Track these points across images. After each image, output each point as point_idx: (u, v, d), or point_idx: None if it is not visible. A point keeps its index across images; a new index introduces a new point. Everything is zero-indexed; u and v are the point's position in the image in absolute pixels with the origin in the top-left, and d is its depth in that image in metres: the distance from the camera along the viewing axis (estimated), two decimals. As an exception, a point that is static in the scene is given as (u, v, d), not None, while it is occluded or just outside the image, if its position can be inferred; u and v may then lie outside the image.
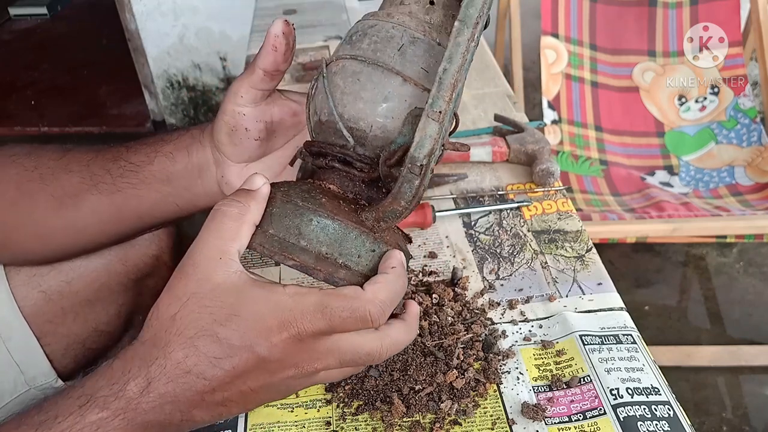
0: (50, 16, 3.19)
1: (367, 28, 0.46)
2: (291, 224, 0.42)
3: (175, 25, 2.04)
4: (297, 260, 0.42)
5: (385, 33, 0.45)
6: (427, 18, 0.46)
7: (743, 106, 1.43)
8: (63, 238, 0.60)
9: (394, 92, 0.44)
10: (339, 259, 0.42)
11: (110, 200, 0.58)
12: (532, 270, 0.65)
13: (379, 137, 0.44)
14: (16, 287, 0.65)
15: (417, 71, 0.44)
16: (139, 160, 0.58)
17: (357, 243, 0.43)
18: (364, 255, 0.43)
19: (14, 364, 0.65)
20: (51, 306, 0.66)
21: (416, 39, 0.44)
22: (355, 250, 0.43)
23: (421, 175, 0.42)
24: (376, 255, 0.43)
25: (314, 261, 0.42)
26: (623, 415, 0.49)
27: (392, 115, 0.44)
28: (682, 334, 1.44)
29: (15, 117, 2.43)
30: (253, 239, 0.43)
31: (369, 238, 0.43)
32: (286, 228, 0.42)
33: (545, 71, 1.45)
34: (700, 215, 1.20)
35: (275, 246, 0.42)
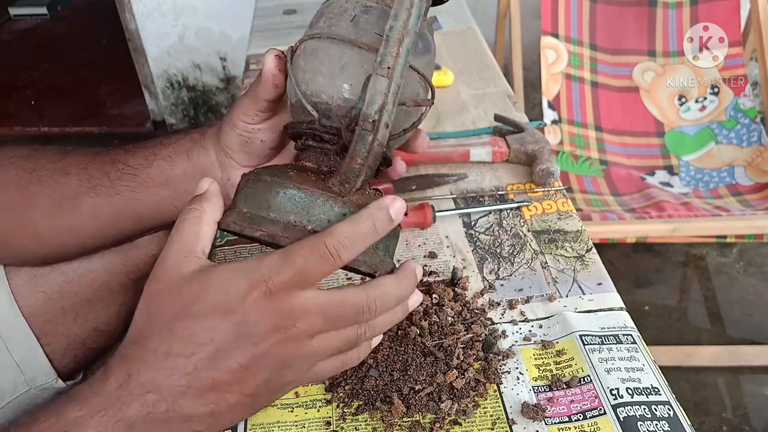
0: (50, 16, 3.19)
1: (324, 8, 0.49)
2: (260, 199, 0.44)
3: (175, 25, 2.04)
4: (265, 231, 0.42)
5: (339, 8, 0.47)
6: None
7: (743, 106, 1.43)
8: (62, 240, 0.61)
9: (350, 61, 0.45)
10: (308, 226, 0.43)
11: (108, 203, 0.58)
12: (532, 270, 0.65)
13: (342, 107, 0.46)
14: (17, 287, 0.65)
15: (371, 38, 0.45)
16: (137, 163, 0.58)
17: (325, 208, 0.43)
18: (334, 219, 0.43)
19: (14, 364, 0.65)
20: (51, 306, 0.67)
21: (368, 8, 0.46)
22: (324, 215, 0.43)
23: (373, 130, 0.43)
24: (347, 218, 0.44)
25: (282, 230, 0.42)
26: (623, 415, 0.49)
27: (351, 83, 0.45)
28: (682, 334, 1.44)
29: (15, 117, 2.43)
30: (224, 218, 0.44)
31: (337, 203, 0.43)
32: (255, 203, 0.44)
33: (545, 71, 1.45)
34: (700, 215, 1.20)
35: (245, 221, 0.43)
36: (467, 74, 1.02)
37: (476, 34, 1.16)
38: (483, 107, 0.93)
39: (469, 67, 1.04)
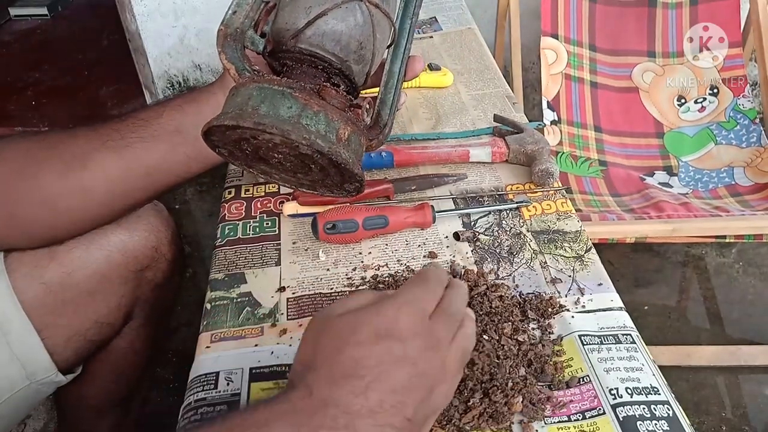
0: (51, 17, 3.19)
1: None
2: (254, 100, 0.47)
3: (176, 26, 2.04)
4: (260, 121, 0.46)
5: None
6: None
7: (743, 107, 1.43)
8: (70, 202, 0.61)
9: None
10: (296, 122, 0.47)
11: (118, 155, 0.59)
12: (532, 270, 0.65)
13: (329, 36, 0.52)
14: (17, 280, 0.65)
15: None
16: (147, 116, 0.60)
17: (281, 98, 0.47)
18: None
19: (15, 359, 0.65)
20: (52, 298, 0.67)
21: None
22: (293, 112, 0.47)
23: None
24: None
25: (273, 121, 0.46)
26: (623, 415, 0.49)
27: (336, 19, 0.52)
28: (681, 334, 1.44)
29: (15, 117, 2.43)
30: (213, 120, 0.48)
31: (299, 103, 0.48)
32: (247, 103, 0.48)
33: (545, 72, 1.45)
34: (699, 215, 1.20)
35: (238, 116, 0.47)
36: (467, 75, 1.03)
37: (476, 34, 1.16)
38: (482, 108, 0.94)
39: (468, 68, 1.05)
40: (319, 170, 0.52)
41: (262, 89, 0.47)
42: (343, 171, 0.50)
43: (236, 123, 0.46)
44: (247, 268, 0.67)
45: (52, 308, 0.67)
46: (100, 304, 0.71)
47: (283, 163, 0.52)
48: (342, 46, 0.52)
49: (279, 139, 0.47)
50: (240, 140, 0.50)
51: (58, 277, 0.67)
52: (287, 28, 0.52)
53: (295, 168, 0.53)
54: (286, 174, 0.56)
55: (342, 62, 0.52)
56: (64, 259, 0.67)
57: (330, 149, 0.47)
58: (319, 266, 0.67)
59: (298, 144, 0.47)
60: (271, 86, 0.47)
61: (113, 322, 0.74)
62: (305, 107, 0.47)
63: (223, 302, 0.63)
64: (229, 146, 0.52)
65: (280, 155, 0.51)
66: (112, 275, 0.71)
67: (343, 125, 0.48)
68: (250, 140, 0.49)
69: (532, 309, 0.59)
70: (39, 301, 0.66)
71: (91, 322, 0.71)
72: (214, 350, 0.58)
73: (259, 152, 0.51)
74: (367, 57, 0.54)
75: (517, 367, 0.52)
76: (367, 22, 0.53)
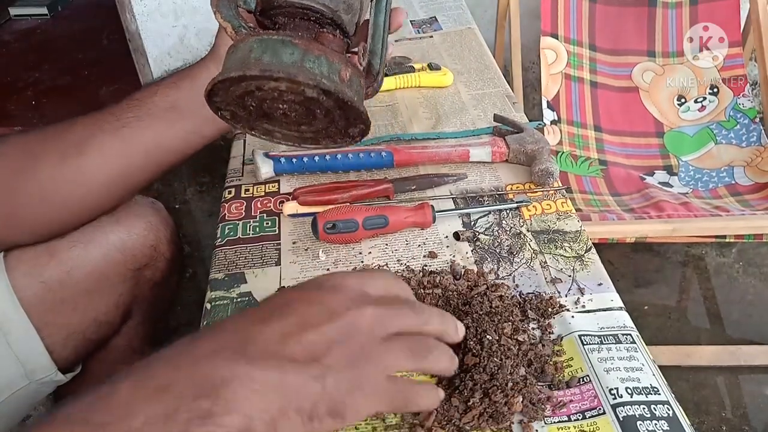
0: (51, 17, 3.19)
1: None
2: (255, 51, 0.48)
3: (176, 26, 2.04)
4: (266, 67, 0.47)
5: None
6: None
7: (743, 107, 1.43)
8: (69, 190, 0.61)
9: None
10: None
11: (115, 137, 0.60)
12: (532, 270, 0.65)
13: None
14: (16, 279, 0.65)
15: None
16: (141, 96, 0.61)
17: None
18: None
19: (14, 358, 0.65)
20: (51, 296, 0.67)
21: None
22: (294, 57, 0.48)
23: None
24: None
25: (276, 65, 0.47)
26: (623, 415, 0.49)
27: None
28: (681, 334, 1.44)
29: (15, 117, 2.43)
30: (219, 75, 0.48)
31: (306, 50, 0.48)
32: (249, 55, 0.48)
33: (545, 71, 1.45)
34: (699, 215, 1.20)
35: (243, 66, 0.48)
36: (467, 74, 1.03)
37: (476, 34, 1.16)
38: (482, 107, 0.94)
39: (468, 68, 1.04)
40: (323, 116, 0.53)
41: (262, 41, 0.48)
42: (348, 111, 0.51)
43: (242, 73, 0.47)
44: (247, 268, 0.67)
45: (51, 307, 0.67)
46: (99, 302, 0.71)
47: (288, 115, 0.53)
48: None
49: (285, 85, 0.48)
50: (244, 95, 0.51)
51: (57, 276, 0.67)
52: None
53: (299, 119, 0.54)
54: (289, 129, 0.57)
55: (333, 12, 0.53)
56: (63, 257, 0.67)
57: (336, 88, 0.48)
58: (319, 266, 0.67)
59: (304, 87, 0.48)
60: (270, 37, 0.49)
61: (112, 321, 0.74)
62: (306, 52, 0.48)
63: (223, 302, 0.63)
64: (233, 106, 0.53)
65: (285, 105, 0.51)
66: (111, 274, 0.71)
67: (344, 67, 0.50)
68: (255, 93, 0.50)
69: (533, 309, 0.59)
70: (38, 299, 0.66)
71: (90, 321, 0.71)
72: (214, 350, 0.57)
73: (263, 106, 0.52)
74: (356, 6, 0.56)
75: (517, 367, 0.52)
76: None
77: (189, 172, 1.96)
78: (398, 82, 0.98)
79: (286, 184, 0.79)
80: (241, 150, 0.88)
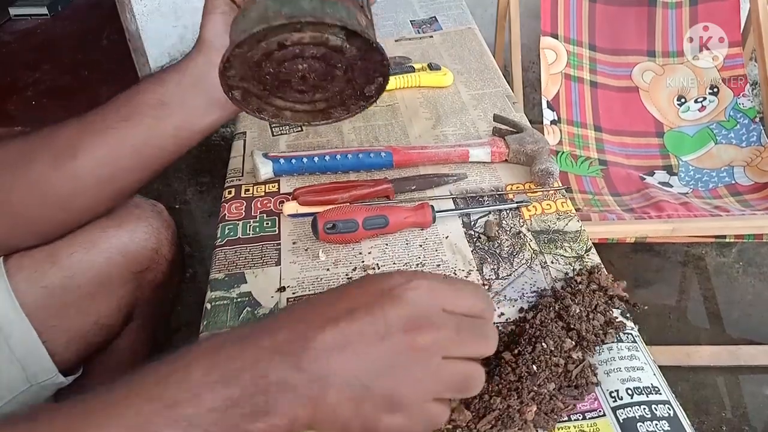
0: (51, 17, 3.19)
1: None
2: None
3: (176, 26, 2.04)
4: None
5: None
6: None
7: (743, 107, 1.43)
8: (63, 192, 0.61)
9: None
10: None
11: (103, 138, 0.59)
12: (532, 270, 0.65)
13: None
14: (17, 284, 0.65)
15: None
16: (127, 95, 0.61)
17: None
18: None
19: (16, 361, 0.65)
20: (53, 301, 0.67)
21: None
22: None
23: None
24: None
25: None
26: (623, 417, 0.49)
27: None
28: (681, 334, 1.44)
29: (15, 117, 2.43)
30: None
31: None
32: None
33: (544, 71, 1.45)
34: (699, 215, 1.20)
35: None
36: (467, 75, 1.03)
37: (476, 34, 1.16)
38: (482, 107, 0.94)
39: (468, 68, 1.04)
40: (343, 73, 0.52)
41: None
42: (370, 56, 0.51)
43: (266, 25, 0.46)
44: (247, 268, 0.67)
45: (53, 311, 0.67)
46: (101, 306, 0.71)
47: (306, 77, 0.52)
48: None
49: (309, 35, 0.47)
50: (262, 60, 0.50)
51: (59, 281, 0.67)
52: None
53: (317, 83, 0.53)
54: (302, 102, 0.56)
55: None
56: (64, 263, 0.67)
57: (361, 29, 0.48)
58: (319, 266, 0.67)
59: (329, 33, 0.47)
60: None
61: (113, 324, 0.74)
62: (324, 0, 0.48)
63: (223, 302, 0.63)
64: (246, 80, 0.52)
65: (305, 64, 0.50)
66: (112, 277, 0.71)
67: (359, 12, 0.49)
68: (275, 54, 0.49)
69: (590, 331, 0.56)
70: (40, 304, 0.66)
71: (92, 324, 0.71)
72: (214, 350, 0.57)
73: (281, 73, 0.51)
74: None
75: (549, 381, 0.50)
76: None
77: (189, 172, 1.96)
78: (398, 82, 0.98)
79: (286, 184, 0.79)
80: (241, 150, 0.88)
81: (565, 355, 0.52)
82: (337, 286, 0.43)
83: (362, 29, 0.48)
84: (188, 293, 1.36)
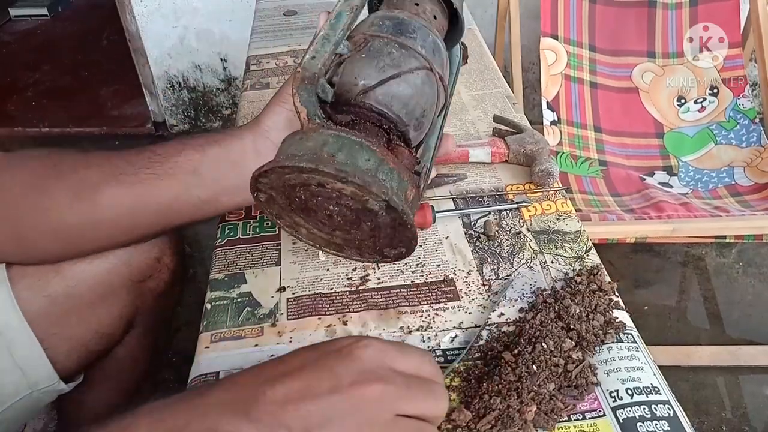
0: (51, 17, 3.19)
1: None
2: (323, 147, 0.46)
3: (176, 27, 2.04)
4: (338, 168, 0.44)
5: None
6: None
7: (743, 107, 1.43)
8: (78, 235, 0.60)
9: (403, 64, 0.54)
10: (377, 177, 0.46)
11: (129, 191, 0.57)
12: (532, 270, 0.65)
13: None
14: (20, 291, 0.65)
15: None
16: (165, 152, 0.58)
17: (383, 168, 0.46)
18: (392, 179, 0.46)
19: (17, 368, 0.65)
20: (55, 309, 0.67)
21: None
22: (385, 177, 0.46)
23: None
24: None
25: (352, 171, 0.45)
26: (623, 417, 0.49)
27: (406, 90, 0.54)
28: (681, 335, 1.44)
29: (15, 118, 2.43)
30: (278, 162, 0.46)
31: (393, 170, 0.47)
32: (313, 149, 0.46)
33: (544, 72, 1.45)
34: (699, 216, 1.21)
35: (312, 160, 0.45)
36: (467, 75, 1.03)
37: (476, 35, 1.16)
38: (483, 108, 0.94)
39: (468, 69, 1.04)
40: (369, 229, 0.51)
41: (339, 137, 0.46)
42: (401, 232, 0.49)
43: (315, 167, 0.44)
44: (247, 268, 0.67)
45: (55, 319, 0.67)
46: (102, 314, 0.71)
47: (332, 217, 0.50)
48: (408, 111, 0.52)
49: (351, 191, 0.46)
50: (297, 186, 0.48)
51: (62, 289, 0.67)
52: (356, 83, 0.52)
53: (341, 224, 0.51)
54: (320, 230, 0.54)
55: (404, 125, 0.52)
56: (67, 273, 0.67)
57: (402, 208, 0.46)
58: (319, 266, 0.67)
59: (373, 198, 0.45)
60: (348, 136, 0.46)
61: (114, 332, 0.74)
62: (382, 162, 0.46)
63: (223, 302, 0.63)
64: (277, 191, 0.50)
65: (337, 208, 0.49)
66: (114, 286, 0.71)
67: (410, 186, 0.48)
68: (312, 187, 0.47)
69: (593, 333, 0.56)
70: (42, 312, 0.66)
71: (93, 332, 0.71)
72: (214, 350, 0.58)
73: (310, 202, 0.49)
74: (426, 125, 0.54)
75: (549, 381, 0.50)
76: (434, 92, 0.54)
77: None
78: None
79: (286, 185, 0.79)
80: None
81: (564, 355, 0.52)
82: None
83: (403, 208, 0.46)
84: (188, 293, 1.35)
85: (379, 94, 0.51)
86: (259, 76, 1.06)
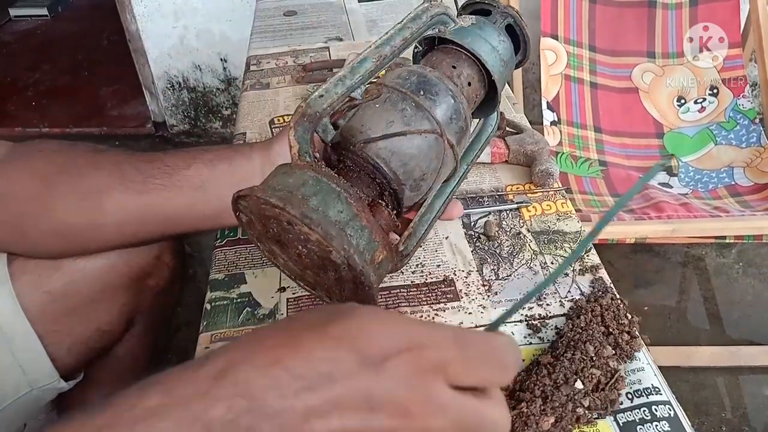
0: (51, 17, 3.19)
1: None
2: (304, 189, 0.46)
3: (176, 27, 2.04)
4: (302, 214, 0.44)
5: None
6: None
7: (742, 107, 1.43)
8: (82, 236, 0.60)
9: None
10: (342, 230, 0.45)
11: (136, 200, 0.57)
12: (532, 270, 0.65)
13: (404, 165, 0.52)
14: (21, 288, 0.65)
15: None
16: (175, 163, 0.58)
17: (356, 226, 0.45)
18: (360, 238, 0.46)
19: (17, 366, 0.65)
20: (55, 306, 0.67)
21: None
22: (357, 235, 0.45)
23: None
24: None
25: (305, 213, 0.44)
26: (623, 421, 0.49)
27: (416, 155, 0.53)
28: (681, 335, 1.44)
29: (15, 118, 2.43)
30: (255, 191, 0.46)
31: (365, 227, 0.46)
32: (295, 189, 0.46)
33: (544, 72, 1.45)
34: (699, 216, 1.21)
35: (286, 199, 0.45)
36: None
37: (476, 35, 1.16)
38: (483, 108, 0.94)
39: (468, 69, 1.04)
40: (334, 278, 0.50)
41: (320, 181, 0.45)
42: (360, 291, 0.48)
43: (282, 205, 0.44)
44: (247, 268, 0.67)
45: (55, 316, 0.67)
46: (102, 312, 0.72)
47: (300, 255, 0.49)
48: (406, 170, 0.51)
49: (316, 238, 0.45)
50: (271, 218, 0.47)
51: (61, 286, 0.67)
52: (361, 131, 0.51)
53: (309, 265, 0.51)
54: (294, 264, 0.53)
55: (399, 184, 0.52)
56: (68, 269, 0.67)
57: (363, 269, 0.45)
58: (319, 267, 0.67)
59: (333, 251, 0.44)
60: (329, 182, 0.46)
61: (114, 330, 0.74)
62: (355, 217, 0.45)
63: (223, 302, 0.63)
64: (254, 216, 0.50)
65: (305, 249, 0.48)
66: (114, 284, 0.71)
67: (380, 248, 0.47)
68: (282, 224, 0.47)
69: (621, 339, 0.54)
70: (42, 309, 0.66)
71: (93, 330, 0.71)
72: (214, 351, 0.57)
73: (283, 236, 0.49)
74: (424, 188, 0.54)
75: (587, 395, 0.48)
76: (439, 157, 0.53)
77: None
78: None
79: (286, 185, 0.79)
80: (241, 150, 0.87)
81: (602, 362, 0.50)
82: None
83: (362, 269, 0.44)
84: (188, 293, 1.36)
85: (380, 147, 0.51)
86: (259, 76, 1.06)
